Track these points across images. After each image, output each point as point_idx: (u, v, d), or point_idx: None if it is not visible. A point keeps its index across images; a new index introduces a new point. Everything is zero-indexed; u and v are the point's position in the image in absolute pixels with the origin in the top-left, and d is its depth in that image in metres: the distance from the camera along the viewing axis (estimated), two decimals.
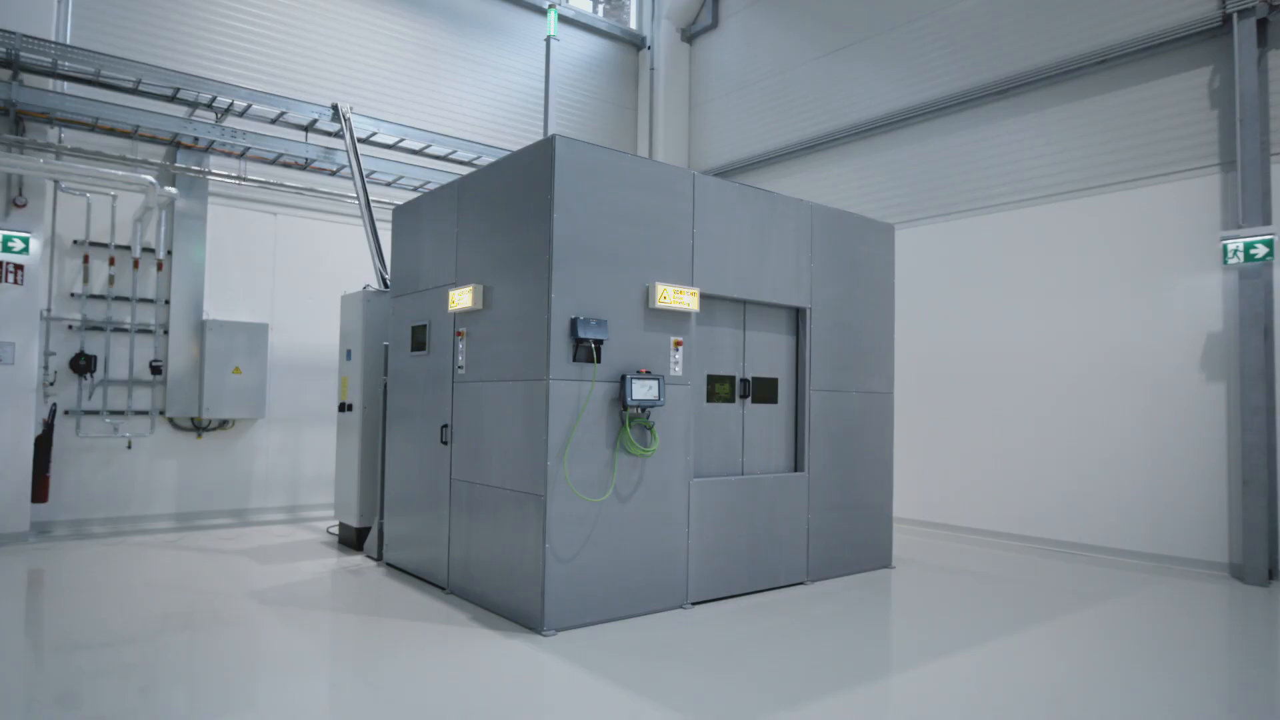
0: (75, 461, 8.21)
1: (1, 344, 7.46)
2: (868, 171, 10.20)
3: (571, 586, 5.09)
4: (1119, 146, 7.88)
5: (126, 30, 8.52)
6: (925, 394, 9.29)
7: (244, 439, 9.23)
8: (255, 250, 9.32)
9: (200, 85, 8.06)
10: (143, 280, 8.61)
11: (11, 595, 5.88)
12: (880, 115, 9.91)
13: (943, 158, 9.36)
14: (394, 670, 4.37)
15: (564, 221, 5.13)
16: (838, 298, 6.89)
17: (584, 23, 12.39)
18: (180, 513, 8.79)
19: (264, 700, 4.02)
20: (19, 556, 7.00)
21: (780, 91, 11.39)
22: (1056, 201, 8.30)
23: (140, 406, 8.58)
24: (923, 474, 9.23)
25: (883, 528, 7.19)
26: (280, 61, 9.45)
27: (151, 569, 6.65)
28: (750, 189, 6.40)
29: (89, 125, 7.83)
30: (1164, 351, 7.47)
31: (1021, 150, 8.63)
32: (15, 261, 7.52)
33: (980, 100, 8.94)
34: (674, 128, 12.74)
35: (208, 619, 5.27)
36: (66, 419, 8.14)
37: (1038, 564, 7.48)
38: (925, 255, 9.39)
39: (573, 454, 5.12)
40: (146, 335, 8.63)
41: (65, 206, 8.15)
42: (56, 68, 7.50)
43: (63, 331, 8.15)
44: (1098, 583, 6.74)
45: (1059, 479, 8.09)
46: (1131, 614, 5.81)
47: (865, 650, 4.93)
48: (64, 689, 4.05)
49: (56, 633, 5.02)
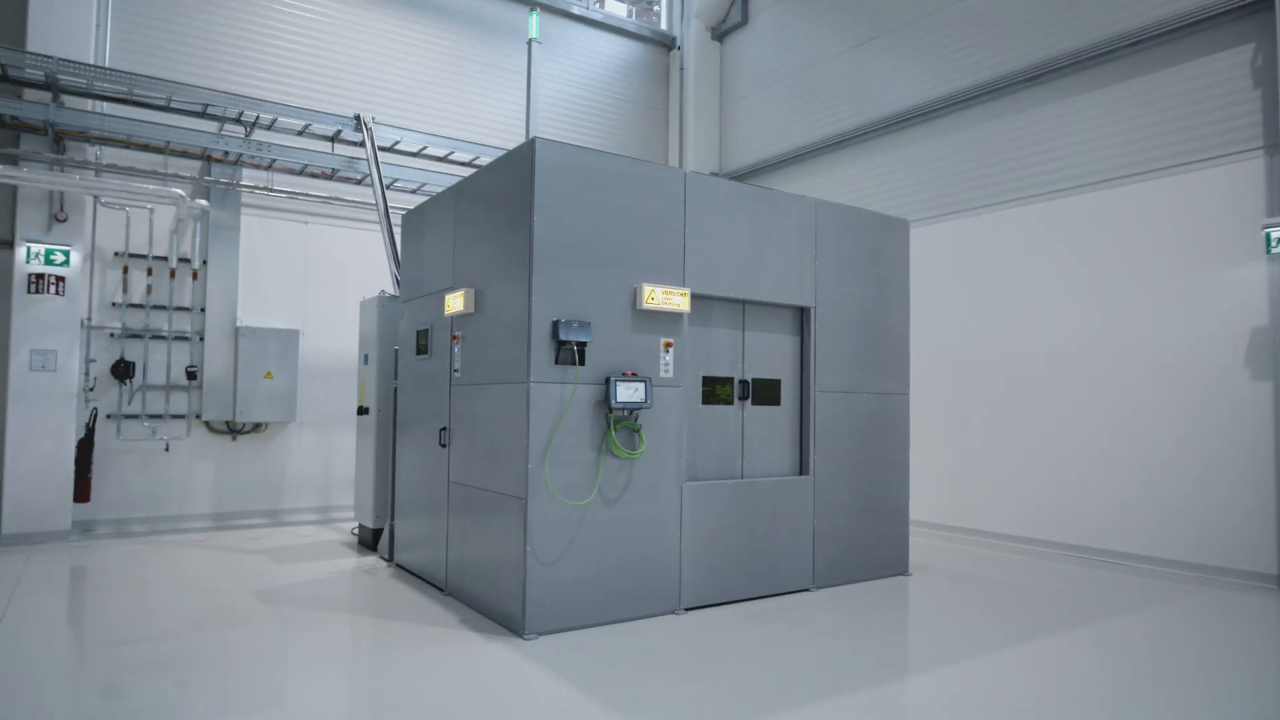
0: (116, 463, 8.60)
1: (45, 352, 7.87)
2: (897, 166, 9.90)
3: (554, 590, 5.06)
4: (1156, 131, 7.45)
5: (161, 50, 8.89)
6: (956, 394, 8.96)
7: (276, 442, 9.52)
8: (287, 258, 9.61)
9: (227, 101, 8.35)
10: (179, 289, 8.97)
11: (45, 589, 6.17)
12: (909, 107, 9.61)
13: (973, 149, 9.01)
14: (363, 669, 4.42)
15: (544, 224, 5.12)
16: (846, 296, 6.69)
17: (614, 25, 12.39)
18: (216, 513, 9.11)
19: (214, 694, 4.10)
20: (62, 553, 7.36)
21: (809, 87, 11.16)
22: (1090, 191, 7.89)
23: (177, 410, 8.93)
24: (952, 476, 8.90)
25: (898, 533, 6.95)
26: (306, 75, 9.72)
27: (173, 567, 6.91)
28: (747, 187, 6.27)
29: (124, 142, 8.19)
30: (1205, 348, 7.02)
31: (1054, 139, 8.24)
32: (56, 274, 7.92)
33: (1010, 88, 8.57)
34: (704, 128, 12.62)
35: (207, 617, 5.42)
36: (108, 423, 8.53)
37: (1069, 572, 7.11)
38: (958, 251, 9.06)
39: (555, 457, 5.10)
40: (183, 342, 8.99)
41: (105, 220, 8.55)
42: (92, 88, 7.87)
43: (104, 339, 8.55)
44: (1132, 593, 6.36)
45: (1094, 482, 7.68)
46: (1167, 627, 5.46)
47: (852, 660, 4.75)
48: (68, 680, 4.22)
49: (78, 626, 5.25)
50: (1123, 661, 4.75)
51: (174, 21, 9.00)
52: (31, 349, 7.81)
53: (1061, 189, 8.13)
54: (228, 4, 9.32)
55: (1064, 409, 7.97)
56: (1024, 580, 6.82)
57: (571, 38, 12.06)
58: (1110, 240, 7.70)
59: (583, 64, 12.19)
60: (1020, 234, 8.46)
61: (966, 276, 8.96)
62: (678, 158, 12.77)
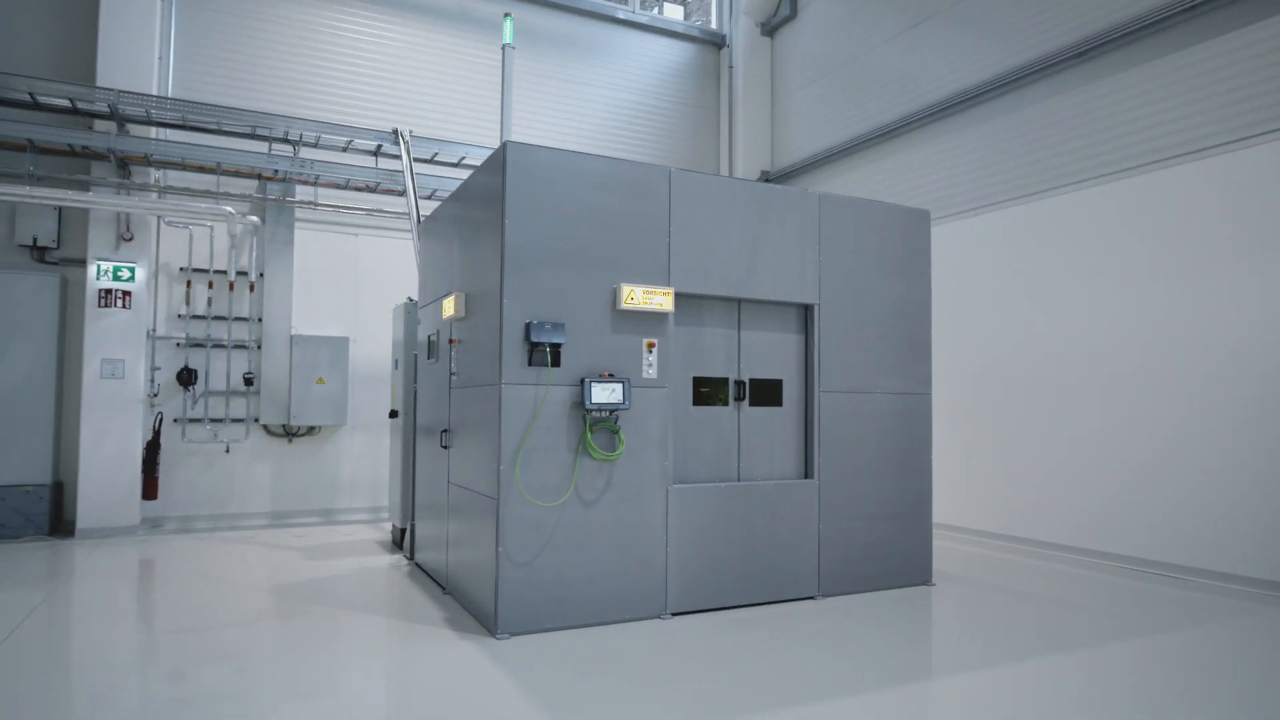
0: (182, 464, 9.24)
1: (114, 361, 8.55)
2: (947, 155, 9.40)
3: (529, 591, 5.08)
4: (1223, 101, 6.77)
5: (219, 76, 9.49)
6: (1004, 393, 8.43)
7: (330, 444, 9.98)
8: (338, 269, 10.07)
9: (272, 121, 8.84)
10: (238, 300, 9.55)
11: (90, 579, 6.68)
12: (958, 91, 9.10)
13: (1024, 132, 8.46)
14: (321, 660, 4.56)
15: (516, 227, 5.16)
16: (856, 292, 6.42)
17: (662, 28, 12.38)
18: (274, 511, 9.64)
19: (162, 679, 4.31)
20: (122, 546, 7.96)
21: (857, 78, 10.79)
22: (1151, 171, 7.24)
23: (237, 415, 9.51)
24: (1001, 481, 8.37)
25: (919, 540, 6.60)
26: (349, 92, 10.16)
27: (209, 561, 7.34)
28: (740, 182, 6.11)
29: (180, 165, 8.80)
30: (1275, 342, 6.33)
31: (1113, 115, 7.63)
32: (123, 289, 8.60)
33: (1063, 64, 8.00)
34: (754, 125, 12.41)
35: (216, 607, 5.74)
36: (174, 426, 9.17)
37: (1119, 585, 6.56)
38: (1011, 241, 8.53)
39: (529, 458, 5.12)
40: (242, 350, 9.56)
41: (168, 237, 9.21)
42: (150, 117, 8.50)
43: (171, 348, 9.21)
44: (1183, 609, 5.81)
45: (1147, 488, 7.06)
46: (1218, 649, 4.96)
47: (824, 672, 4.53)
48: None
49: (114, 613, 5.67)
50: (1157, 691, 4.34)
51: (229, 49, 9.60)
52: (102, 358, 8.50)
53: (1119, 170, 7.52)
54: (281, 30, 9.87)
55: (1114, 409, 7.36)
56: (1060, 594, 6.34)
57: (618, 43, 12.12)
58: (1172, 224, 7.05)
59: (632, 69, 12.23)
60: (1075, 222, 7.88)
61: (1017, 268, 8.42)
62: (727, 158, 12.61)
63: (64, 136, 8.13)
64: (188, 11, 9.39)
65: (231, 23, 9.62)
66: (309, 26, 10.04)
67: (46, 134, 8.11)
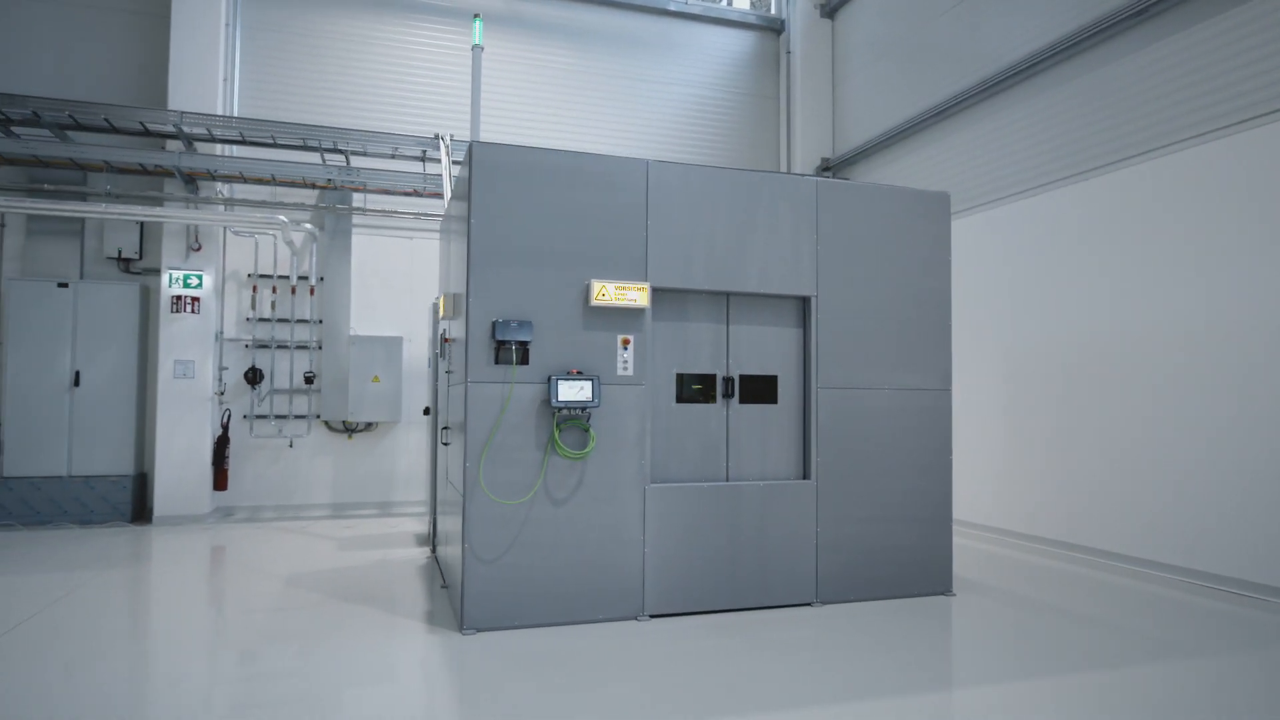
0: (251, 457, 9.89)
1: (185, 362, 9.26)
2: (1007, 131, 8.70)
3: (497, 587, 5.11)
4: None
5: (280, 93, 10.10)
6: (1054, 389, 7.75)
7: (387, 439, 10.42)
8: (393, 271, 10.48)
9: (320, 133, 9.30)
10: (300, 303, 10.13)
11: (138, 562, 7.27)
12: (1017, 60, 8.39)
13: (1090, 99, 7.72)
14: (278, 649, 4.75)
15: (482, 225, 5.19)
16: (860, 282, 6.07)
17: (720, 17, 12.15)
18: (335, 503, 10.16)
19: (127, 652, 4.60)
20: (191, 534, 8.61)
21: (917, 53, 10.19)
22: (1218, 138, 6.48)
23: (299, 411, 10.09)
24: (1040, 479, 7.71)
25: (936, 546, 6.16)
26: (401, 99, 10.55)
27: (253, 549, 7.81)
28: (725, 171, 5.87)
29: (239, 179, 9.41)
30: None
31: (1157, 86, 6.87)
32: (192, 295, 9.29)
33: (1117, 26, 7.26)
34: (813, 112, 11.97)
35: (223, 591, 6.10)
36: (243, 422, 9.84)
37: (1167, 600, 5.90)
38: (1077, 222, 7.84)
39: (495, 455, 5.15)
40: (304, 350, 10.13)
41: (235, 246, 9.87)
42: (211, 134, 9.13)
43: (239, 350, 9.88)
44: (1243, 630, 5.16)
45: (1206, 493, 6.30)
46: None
47: (780, 683, 4.31)
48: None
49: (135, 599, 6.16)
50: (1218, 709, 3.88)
51: (288, 66, 10.19)
52: (174, 359, 9.23)
53: (1177, 141, 6.76)
54: (335, 45, 10.38)
55: (1174, 403, 6.61)
56: (1093, 610, 5.77)
57: (675, 36, 11.99)
58: (1244, 197, 6.26)
59: (691, 62, 12.08)
60: (1138, 197, 7.13)
61: (1062, 254, 7.72)
62: (785, 147, 12.23)
63: (135, 156, 8.87)
64: (250, 34, 10.03)
65: (290, 42, 10.20)
66: (362, 39, 10.50)
67: (121, 155, 8.87)
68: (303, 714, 3.83)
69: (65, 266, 9.40)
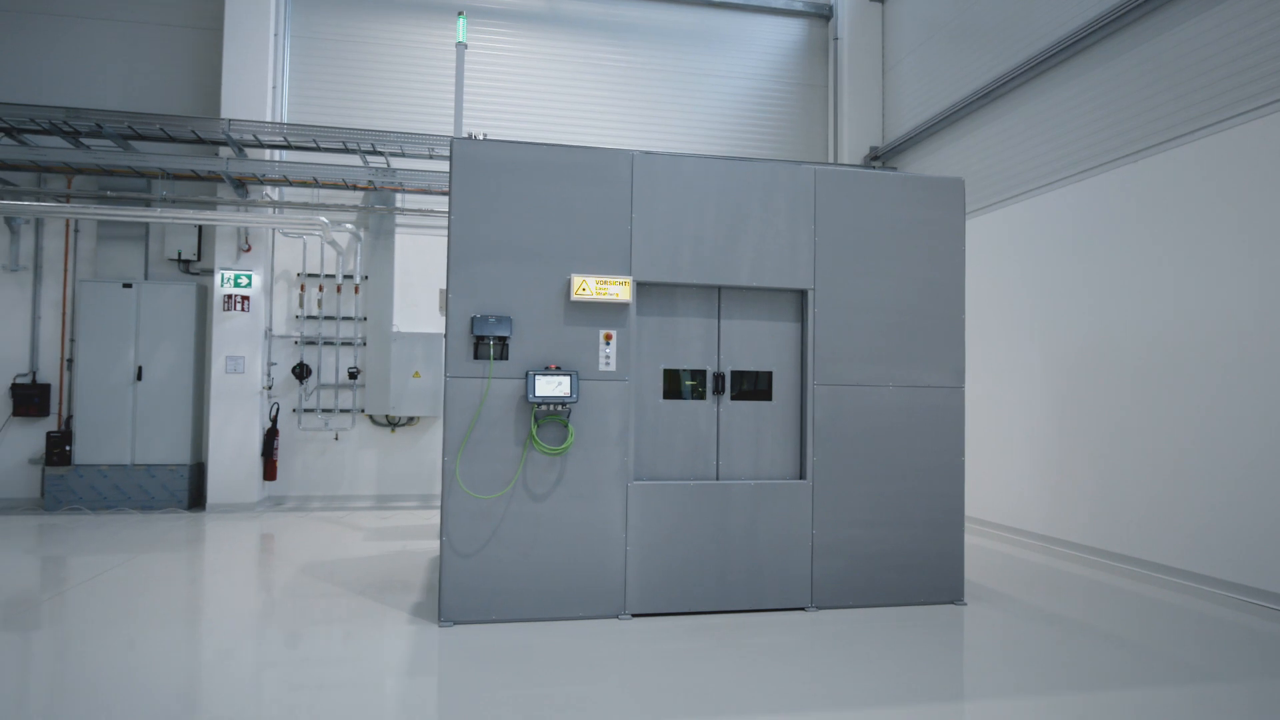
0: (299, 450, 10.32)
1: (236, 358, 9.73)
2: (1058, 111, 8.16)
3: (474, 581, 5.14)
4: None
5: (324, 100, 10.48)
6: (1099, 388, 7.22)
7: (429, 433, 10.67)
8: (435, 270, 10.70)
9: (359, 136, 9.59)
10: (345, 301, 10.48)
11: (168, 548, 7.68)
12: (1065, 35, 7.86)
13: (1136, 77, 7.16)
14: (257, 632, 4.90)
15: (462, 222, 5.23)
16: (862, 275, 5.80)
17: (766, 6, 11.87)
18: (379, 495, 10.49)
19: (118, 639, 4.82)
20: (237, 521, 9.05)
21: (966, 31, 9.69)
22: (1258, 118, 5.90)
23: (345, 406, 10.45)
24: (1097, 487, 7.18)
25: (945, 552, 5.83)
26: (435, 102, 10.76)
27: (285, 537, 8.13)
28: (715, 161, 5.71)
29: (284, 182, 9.81)
30: None
31: (1233, 44, 6.29)
32: (242, 294, 9.76)
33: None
34: (862, 98, 11.56)
35: (232, 580, 6.36)
36: (292, 416, 10.27)
37: (1211, 617, 5.41)
38: (1106, 210, 7.30)
39: (473, 450, 5.17)
40: (349, 346, 10.49)
41: (283, 247, 10.30)
42: (257, 140, 9.55)
43: (289, 346, 10.31)
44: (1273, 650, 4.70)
45: (1252, 502, 5.73)
46: None
47: (739, 689, 4.16)
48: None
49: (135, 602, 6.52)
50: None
51: (333, 71, 10.55)
52: (226, 355, 9.71)
53: (1239, 113, 6.18)
54: (380, 50, 10.68)
55: (1224, 405, 6.05)
56: (1118, 627, 5.34)
57: (720, 27, 11.80)
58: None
59: (740, 52, 11.88)
60: (1193, 180, 6.57)
61: (1113, 242, 7.17)
62: (833, 136, 11.86)
63: (189, 163, 9.37)
64: (298, 43, 10.44)
65: (334, 48, 10.56)
66: (403, 43, 10.77)
67: (176, 162, 9.38)
68: (248, 700, 3.94)
69: (131, 268, 10.02)
